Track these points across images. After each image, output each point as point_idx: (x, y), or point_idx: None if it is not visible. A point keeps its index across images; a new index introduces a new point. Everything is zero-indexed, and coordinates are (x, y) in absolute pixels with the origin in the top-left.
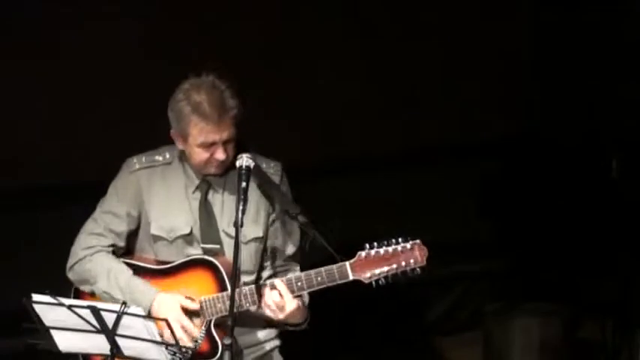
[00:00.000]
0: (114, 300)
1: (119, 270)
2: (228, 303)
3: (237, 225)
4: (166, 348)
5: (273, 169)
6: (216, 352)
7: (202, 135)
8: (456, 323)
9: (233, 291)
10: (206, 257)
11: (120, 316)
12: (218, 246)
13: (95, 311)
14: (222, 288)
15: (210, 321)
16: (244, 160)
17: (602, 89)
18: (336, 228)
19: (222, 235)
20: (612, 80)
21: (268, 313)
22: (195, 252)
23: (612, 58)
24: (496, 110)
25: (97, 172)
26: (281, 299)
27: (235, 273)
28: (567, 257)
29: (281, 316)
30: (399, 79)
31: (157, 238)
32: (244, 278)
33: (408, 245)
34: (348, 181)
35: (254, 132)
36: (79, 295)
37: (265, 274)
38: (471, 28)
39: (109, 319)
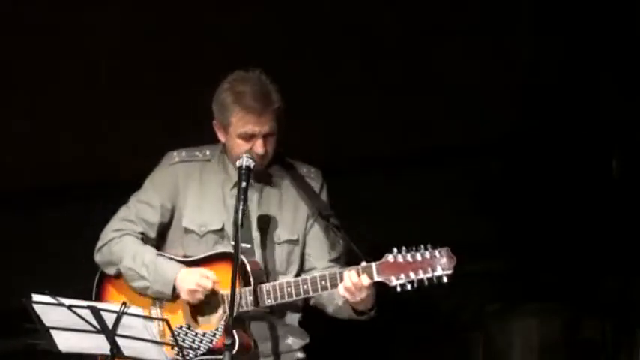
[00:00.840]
0: (139, 276)
1: (145, 250)
2: (250, 298)
3: (237, 225)
4: (179, 353)
5: (313, 174)
6: (234, 347)
7: (242, 125)
8: (456, 323)
9: (233, 292)
10: (232, 252)
11: (120, 316)
12: (249, 245)
13: (95, 311)
14: (246, 283)
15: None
16: (244, 160)
17: (602, 89)
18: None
19: (255, 235)
20: (612, 80)
21: (347, 296)
22: (224, 249)
23: (612, 58)
24: (496, 110)
25: (100, 173)
26: (359, 279)
27: (235, 273)
28: (567, 257)
29: (358, 297)
30: (399, 79)
31: (187, 232)
32: (279, 279)
33: (437, 252)
34: (348, 181)
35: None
36: (103, 279)
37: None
38: (470, 28)
39: (109, 319)
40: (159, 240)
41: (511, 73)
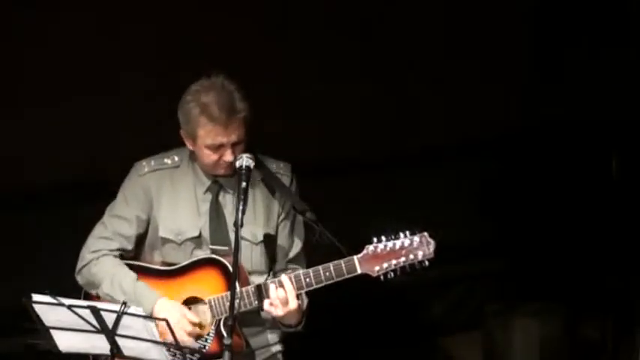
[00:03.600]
0: (116, 303)
1: (123, 274)
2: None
3: (237, 225)
4: (168, 350)
5: (282, 170)
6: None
7: (210, 137)
8: (456, 323)
9: (233, 292)
10: (214, 256)
11: (120, 316)
12: (227, 247)
13: (95, 311)
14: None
15: (220, 320)
16: (244, 160)
17: (602, 89)
18: (334, 228)
19: (232, 237)
20: (612, 80)
21: (269, 308)
22: (204, 254)
23: (612, 57)
24: (496, 110)
25: (99, 173)
26: (285, 295)
27: (235, 273)
28: (567, 257)
29: (280, 312)
30: (399, 79)
31: (165, 241)
32: (256, 279)
33: (416, 238)
34: (348, 181)
35: (254, 132)
36: (88, 298)
37: (271, 274)
38: (470, 27)
39: (109, 319)
40: (138, 249)
41: (511, 72)
